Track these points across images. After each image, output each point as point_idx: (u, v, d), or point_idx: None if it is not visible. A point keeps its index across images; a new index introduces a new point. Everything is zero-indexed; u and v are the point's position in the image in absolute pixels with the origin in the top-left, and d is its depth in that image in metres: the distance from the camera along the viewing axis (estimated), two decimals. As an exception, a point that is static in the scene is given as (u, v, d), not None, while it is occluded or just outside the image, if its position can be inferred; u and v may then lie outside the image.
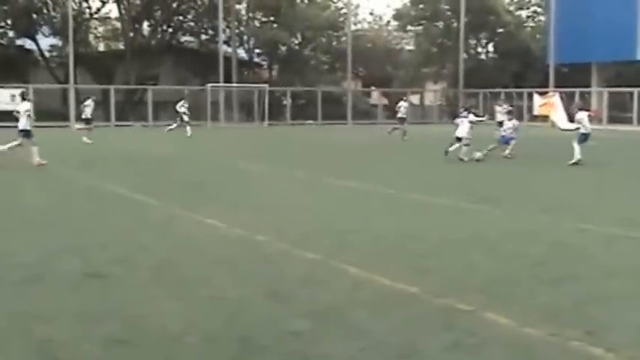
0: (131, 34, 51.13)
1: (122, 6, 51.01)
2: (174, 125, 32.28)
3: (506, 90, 47.14)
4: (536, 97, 31.64)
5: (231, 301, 6.04)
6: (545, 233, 9.18)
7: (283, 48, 53.74)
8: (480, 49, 59.45)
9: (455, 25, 53.78)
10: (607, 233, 9.17)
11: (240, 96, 46.51)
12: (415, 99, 56.81)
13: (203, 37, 53.70)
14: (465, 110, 21.28)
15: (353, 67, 49.61)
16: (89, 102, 28.66)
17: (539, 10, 58.02)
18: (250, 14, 54.88)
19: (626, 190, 14.10)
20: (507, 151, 20.16)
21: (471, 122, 19.89)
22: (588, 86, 46.89)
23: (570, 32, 45.37)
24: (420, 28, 58.07)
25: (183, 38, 54.88)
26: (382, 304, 5.97)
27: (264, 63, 57.20)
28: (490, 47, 59.04)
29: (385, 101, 47.81)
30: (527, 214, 10.83)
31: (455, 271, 7.16)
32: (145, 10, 51.28)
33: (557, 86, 43.02)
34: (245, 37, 53.78)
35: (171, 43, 53.01)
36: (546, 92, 37.25)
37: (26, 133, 17.26)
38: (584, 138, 18.56)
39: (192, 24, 53.89)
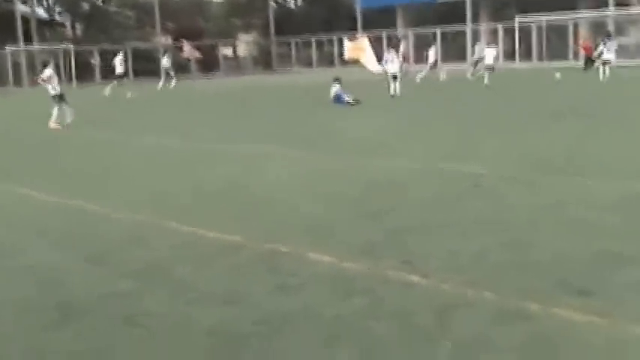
0: None
1: None
2: (162, 81, 33.29)
3: (317, 37, 47.95)
4: (346, 42, 32.30)
5: (48, 268, 5.78)
6: (361, 173, 9.53)
7: (86, 5, 51.17)
8: (288, -2, 59.91)
9: (261, -26, 53.71)
10: (418, 168, 9.66)
11: (44, 58, 43.89)
12: (228, 51, 56.36)
13: (-4, -4, 49.89)
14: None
15: (161, 21, 48.23)
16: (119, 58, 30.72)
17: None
18: (47, -31, 51.68)
19: (434, 126, 14.92)
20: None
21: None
22: (395, 28, 48.73)
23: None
24: (227, -22, 57.50)
25: (-27, -2, 50.71)
26: (207, 256, 5.95)
27: (66, 22, 54.24)
28: (298, -5, 59.66)
29: (197, 54, 46.93)
30: (342, 156, 11.16)
31: (278, 216, 7.27)
32: None
33: (365, 30, 44.33)
34: (43, -5, 50.66)
35: (-42, 4, 48.83)
36: (355, 37, 38.23)
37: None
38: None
39: (-19, -18, 49.85)
